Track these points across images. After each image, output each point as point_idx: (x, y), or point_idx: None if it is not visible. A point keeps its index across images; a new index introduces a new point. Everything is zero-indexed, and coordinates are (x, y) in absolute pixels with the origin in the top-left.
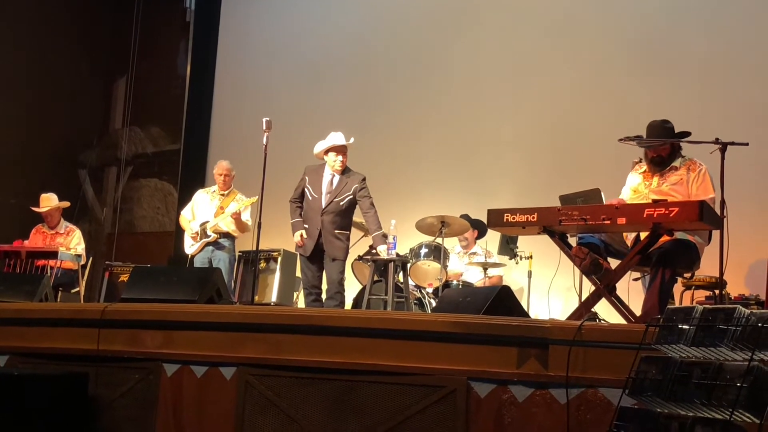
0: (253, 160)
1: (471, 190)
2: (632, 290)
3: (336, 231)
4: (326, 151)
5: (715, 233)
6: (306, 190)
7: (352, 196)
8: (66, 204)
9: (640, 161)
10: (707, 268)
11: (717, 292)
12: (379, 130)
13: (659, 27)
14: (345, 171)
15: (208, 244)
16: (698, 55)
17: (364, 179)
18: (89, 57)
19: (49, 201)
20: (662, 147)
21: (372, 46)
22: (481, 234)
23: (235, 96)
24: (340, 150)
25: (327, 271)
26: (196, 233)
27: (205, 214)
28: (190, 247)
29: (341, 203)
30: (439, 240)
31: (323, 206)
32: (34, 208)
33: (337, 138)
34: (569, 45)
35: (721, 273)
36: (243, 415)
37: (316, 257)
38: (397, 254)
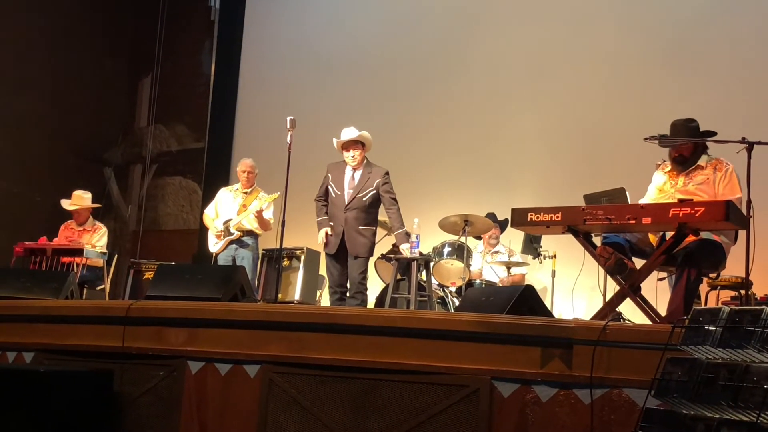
0: (277, 158)
1: (494, 187)
2: (658, 290)
3: (360, 227)
4: (341, 147)
5: (741, 233)
6: (329, 187)
7: (375, 191)
8: (97, 205)
9: (664, 162)
10: (733, 268)
11: (743, 292)
12: (403, 127)
13: (686, 24)
14: (367, 165)
15: (231, 242)
16: (726, 54)
17: (387, 173)
18: (115, 56)
19: (81, 200)
20: (684, 146)
21: (395, 43)
22: (502, 229)
23: (259, 94)
24: (351, 145)
25: (349, 270)
26: (220, 231)
27: (229, 212)
28: (214, 245)
29: (364, 199)
30: (462, 239)
31: (346, 203)
32: (63, 202)
33: (345, 133)
34: (593, 43)
35: (747, 273)
36: (266, 412)
37: (341, 255)
38: (420, 253)
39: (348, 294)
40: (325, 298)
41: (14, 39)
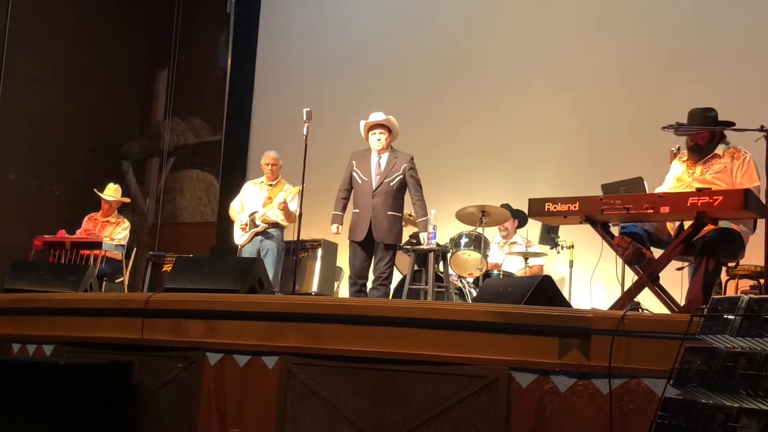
0: (294, 150)
1: (511, 178)
2: (676, 280)
3: (389, 213)
4: (367, 131)
5: (760, 222)
6: (354, 174)
7: (402, 176)
8: (127, 200)
9: (678, 150)
10: (752, 257)
11: (762, 281)
12: (419, 119)
13: (701, 12)
14: (392, 151)
15: (257, 234)
16: (743, 41)
17: (412, 159)
18: (131, 49)
19: (117, 192)
20: (699, 135)
21: (412, 34)
22: (522, 224)
23: (276, 86)
24: (380, 127)
25: (377, 259)
26: (246, 224)
27: (254, 205)
28: (239, 237)
29: (392, 183)
30: (479, 229)
31: (374, 188)
32: (97, 191)
33: (374, 116)
34: (611, 33)
35: (767, 262)
36: (285, 403)
37: (367, 243)
38: (437, 244)
39: (371, 284)
40: (342, 290)
41: (32, 33)
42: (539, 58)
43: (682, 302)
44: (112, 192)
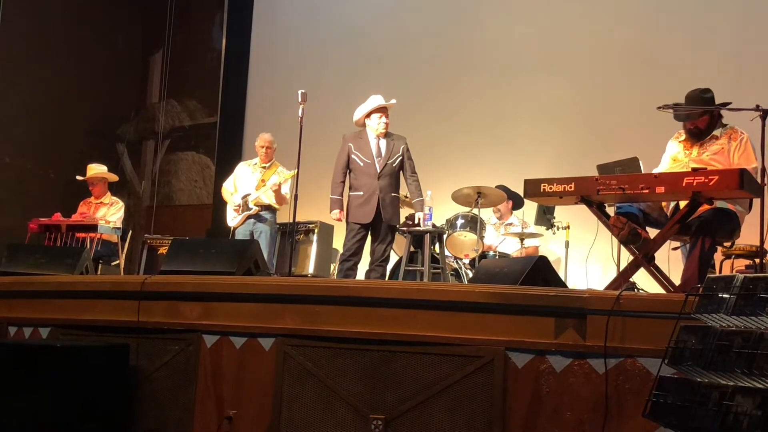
0: (289, 132)
1: (506, 159)
2: (671, 260)
3: (392, 194)
4: (369, 114)
5: (756, 201)
6: (353, 156)
7: (401, 157)
8: (114, 177)
9: (679, 132)
10: (747, 236)
11: (757, 260)
12: (414, 101)
13: None
14: (387, 134)
15: (249, 216)
16: (738, 20)
17: (406, 140)
18: (125, 31)
19: (97, 168)
20: (700, 119)
21: (407, 15)
22: (517, 205)
23: (271, 68)
24: (385, 111)
25: (380, 240)
26: (239, 206)
27: (247, 187)
28: (232, 219)
29: (394, 165)
30: (475, 211)
31: (379, 170)
32: (79, 177)
33: (380, 99)
34: (606, 12)
35: (762, 241)
36: (281, 385)
37: (370, 225)
38: (434, 225)
39: (369, 265)
40: None
41: (26, 15)
42: (535, 39)
43: (677, 282)
44: (93, 171)
